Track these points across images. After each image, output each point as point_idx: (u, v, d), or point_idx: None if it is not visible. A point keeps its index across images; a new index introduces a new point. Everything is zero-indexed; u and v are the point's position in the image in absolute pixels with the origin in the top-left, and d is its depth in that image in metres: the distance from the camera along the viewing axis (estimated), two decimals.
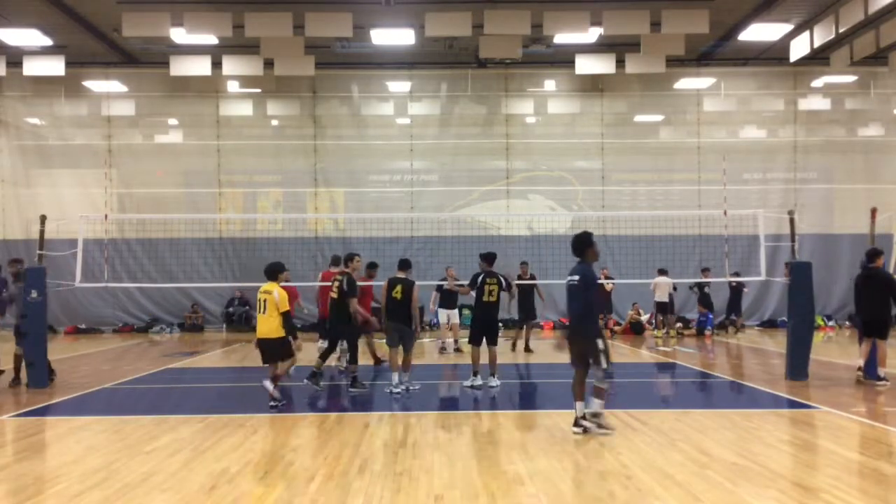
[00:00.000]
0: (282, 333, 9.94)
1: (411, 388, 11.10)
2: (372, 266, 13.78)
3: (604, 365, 8.02)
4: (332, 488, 6.21)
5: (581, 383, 8.22)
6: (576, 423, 8.14)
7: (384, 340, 11.57)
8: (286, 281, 10.29)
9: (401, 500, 5.87)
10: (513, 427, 8.58)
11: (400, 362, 11.13)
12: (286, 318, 9.92)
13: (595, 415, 8.12)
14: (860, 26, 17.59)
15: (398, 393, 10.90)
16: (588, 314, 8.22)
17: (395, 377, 11.08)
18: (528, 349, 16.50)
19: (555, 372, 14.11)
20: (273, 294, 9.85)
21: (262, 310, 9.94)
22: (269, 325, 9.93)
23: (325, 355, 11.88)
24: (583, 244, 8.58)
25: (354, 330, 11.56)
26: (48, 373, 11.97)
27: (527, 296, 16.34)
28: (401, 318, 11.06)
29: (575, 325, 8.36)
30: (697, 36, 18.59)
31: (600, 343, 8.08)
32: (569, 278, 8.42)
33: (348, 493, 6.08)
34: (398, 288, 11.08)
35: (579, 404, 8.16)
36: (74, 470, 6.92)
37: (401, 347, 11.13)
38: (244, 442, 7.92)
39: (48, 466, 7.11)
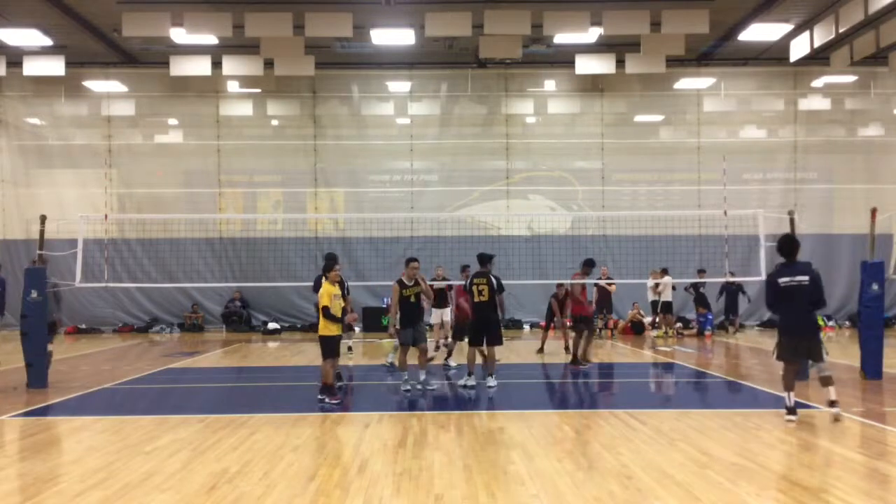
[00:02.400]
0: (325, 332, 10.14)
1: (404, 388, 11.07)
2: (589, 263, 13.76)
3: (825, 357, 8.83)
4: (332, 488, 6.22)
5: (793, 375, 8.81)
6: (789, 412, 8.63)
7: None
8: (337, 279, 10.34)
9: (401, 500, 5.87)
10: (513, 427, 8.58)
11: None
12: (323, 312, 10.03)
13: (833, 402, 8.60)
14: (860, 26, 17.59)
15: (406, 391, 11.07)
16: (815, 311, 8.78)
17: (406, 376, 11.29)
18: (541, 350, 16.41)
19: (556, 372, 14.12)
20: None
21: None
22: (320, 324, 10.21)
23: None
24: (796, 245, 8.98)
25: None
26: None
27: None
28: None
29: (811, 321, 8.81)
30: (697, 36, 18.59)
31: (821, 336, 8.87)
32: (796, 278, 8.71)
33: (348, 493, 6.08)
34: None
35: (791, 395, 8.70)
36: (74, 470, 6.92)
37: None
38: (244, 442, 7.92)
39: (48, 466, 7.11)
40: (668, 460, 7.03)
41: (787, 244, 8.98)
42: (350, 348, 16.06)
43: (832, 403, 8.62)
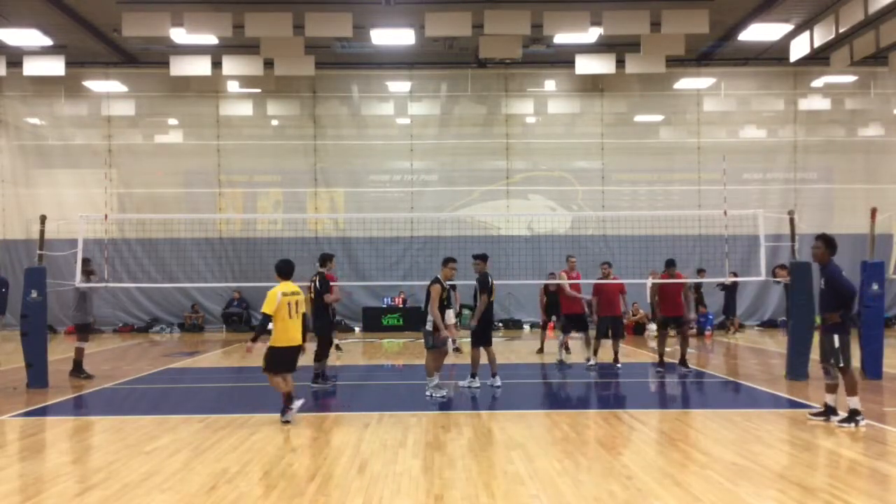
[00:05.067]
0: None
1: (434, 395, 10.60)
2: (670, 263, 13.23)
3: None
4: (332, 488, 6.21)
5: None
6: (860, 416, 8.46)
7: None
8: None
9: (401, 500, 5.87)
10: (513, 427, 8.58)
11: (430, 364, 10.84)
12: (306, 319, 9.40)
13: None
14: (860, 26, 17.59)
15: (428, 396, 10.63)
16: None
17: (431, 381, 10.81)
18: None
19: (555, 372, 14.12)
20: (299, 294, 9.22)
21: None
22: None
23: None
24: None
25: (326, 326, 11.73)
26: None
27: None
28: (421, 320, 11.02)
29: None
30: (697, 36, 18.58)
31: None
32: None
33: (348, 493, 6.08)
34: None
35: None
36: (74, 470, 6.92)
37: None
38: (244, 442, 7.92)
39: (48, 466, 7.11)
40: (668, 460, 7.03)
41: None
42: (338, 347, 16.03)
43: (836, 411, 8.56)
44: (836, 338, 8.45)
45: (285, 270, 9.23)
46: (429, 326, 10.70)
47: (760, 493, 5.98)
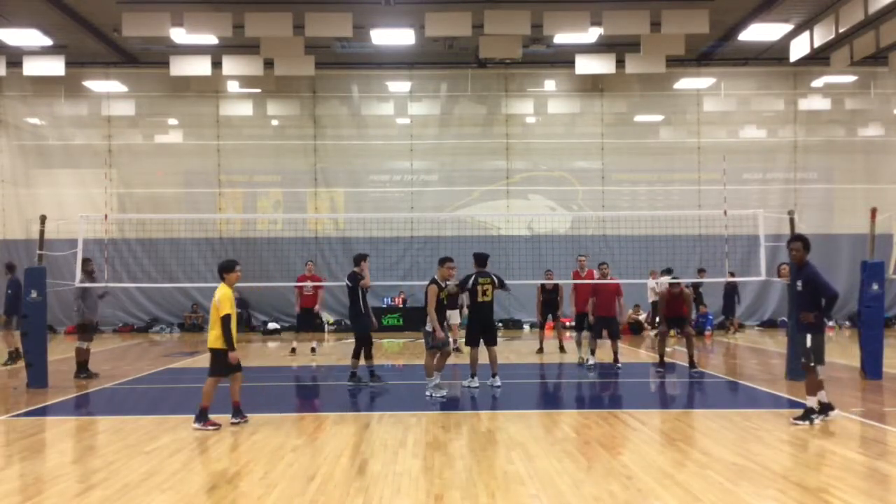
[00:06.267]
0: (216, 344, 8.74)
1: (434, 395, 10.59)
2: (667, 271, 13.34)
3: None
4: (332, 488, 6.21)
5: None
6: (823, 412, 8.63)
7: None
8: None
9: (401, 500, 5.87)
10: (513, 427, 8.57)
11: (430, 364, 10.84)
12: (223, 321, 8.62)
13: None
14: (860, 26, 17.59)
15: (428, 396, 10.63)
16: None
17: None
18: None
19: (555, 372, 14.12)
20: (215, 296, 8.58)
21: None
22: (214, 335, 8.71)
23: None
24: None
25: (361, 325, 11.80)
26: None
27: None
28: (422, 320, 11.06)
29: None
30: (697, 36, 18.58)
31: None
32: None
33: (348, 493, 6.08)
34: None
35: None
36: (74, 470, 6.92)
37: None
38: (244, 442, 7.92)
39: (48, 466, 7.11)
40: (668, 460, 7.03)
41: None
42: (313, 349, 16.04)
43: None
44: (808, 337, 8.59)
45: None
46: (428, 327, 10.72)
47: (760, 493, 5.98)
